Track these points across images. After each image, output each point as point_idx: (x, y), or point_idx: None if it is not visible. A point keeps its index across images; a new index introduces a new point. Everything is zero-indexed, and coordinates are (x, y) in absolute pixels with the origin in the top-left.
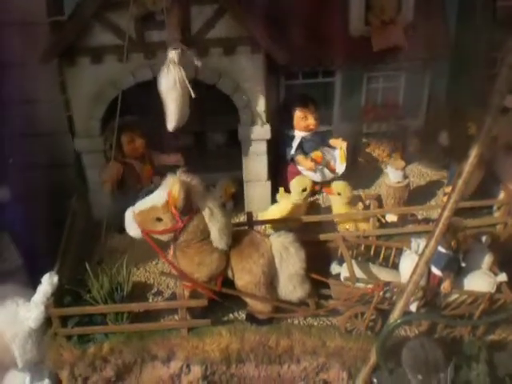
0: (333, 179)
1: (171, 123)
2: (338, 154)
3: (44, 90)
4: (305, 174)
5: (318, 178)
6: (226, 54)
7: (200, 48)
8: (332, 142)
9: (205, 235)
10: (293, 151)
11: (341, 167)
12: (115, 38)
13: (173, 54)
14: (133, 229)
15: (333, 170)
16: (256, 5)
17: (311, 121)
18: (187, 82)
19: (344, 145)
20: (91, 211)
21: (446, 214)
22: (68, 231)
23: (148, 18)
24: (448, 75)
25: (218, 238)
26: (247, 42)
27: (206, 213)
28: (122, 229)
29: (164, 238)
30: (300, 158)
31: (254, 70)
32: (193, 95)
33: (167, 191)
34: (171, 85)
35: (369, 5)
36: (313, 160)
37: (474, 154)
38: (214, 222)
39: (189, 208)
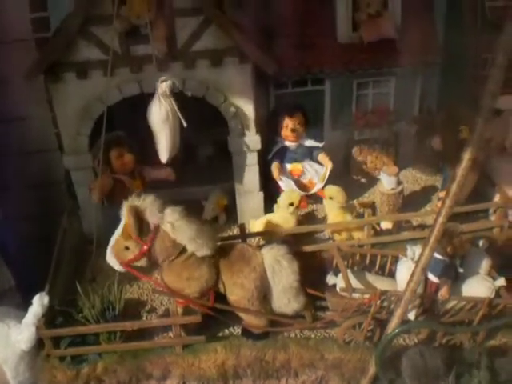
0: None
1: (164, 155)
2: (321, 173)
3: (32, 107)
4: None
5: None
6: (213, 66)
7: (187, 60)
8: (320, 157)
9: (179, 248)
10: (270, 155)
11: (318, 186)
12: (100, 53)
13: (164, 87)
14: (113, 263)
15: (308, 187)
16: (243, 14)
17: (291, 132)
18: (179, 112)
19: (329, 165)
20: (82, 228)
21: (441, 219)
22: (58, 249)
23: (133, 32)
24: (439, 78)
25: (194, 248)
26: (235, 53)
27: (167, 228)
28: None
29: (141, 263)
30: (273, 164)
31: (242, 81)
32: (184, 125)
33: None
34: (163, 117)
35: (355, 5)
36: (283, 171)
37: (467, 157)
38: (179, 234)
39: (147, 229)
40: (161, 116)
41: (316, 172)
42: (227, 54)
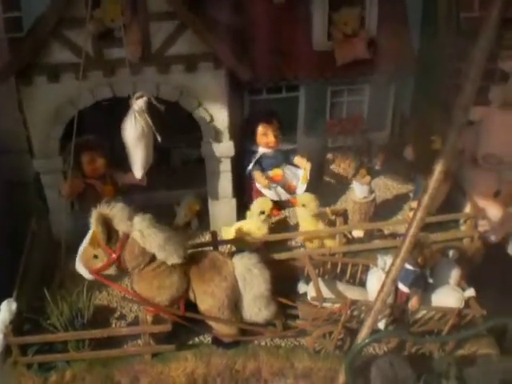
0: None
1: (139, 171)
2: (300, 175)
3: (2, 107)
4: (261, 190)
5: (273, 196)
6: (187, 71)
7: (161, 65)
8: (296, 160)
9: (148, 256)
10: (250, 166)
11: (301, 188)
12: (73, 56)
13: (139, 103)
14: (83, 271)
15: (293, 190)
16: (218, 20)
17: (271, 138)
18: (154, 128)
19: (308, 166)
20: (51, 232)
21: (412, 231)
22: (27, 254)
23: (107, 34)
24: (412, 87)
25: (164, 256)
26: (209, 58)
27: (136, 236)
28: None
29: (111, 271)
30: (256, 174)
31: (216, 87)
32: (159, 139)
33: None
34: (138, 134)
35: (331, 19)
36: (268, 177)
37: (438, 169)
38: (148, 242)
39: (116, 237)
40: (136, 133)
41: (294, 175)
42: (202, 60)
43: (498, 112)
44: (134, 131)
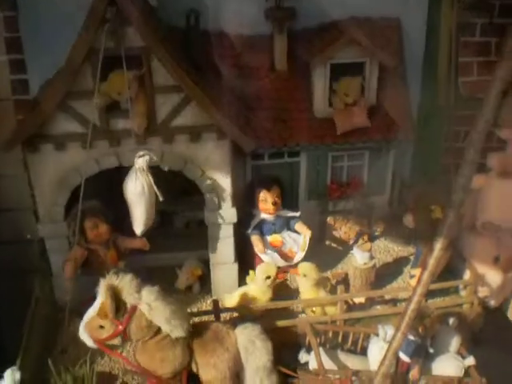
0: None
1: (139, 228)
2: (300, 242)
3: (7, 164)
4: (259, 255)
5: (269, 261)
6: (191, 141)
7: (166, 135)
8: (297, 227)
9: (154, 329)
10: (249, 230)
11: (299, 255)
12: (79, 126)
13: (141, 162)
14: (86, 340)
15: (290, 257)
16: (221, 89)
17: (269, 205)
18: (155, 187)
19: (308, 233)
20: (53, 295)
21: (412, 306)
22: (31, 319)
23: (113, 106)
24: (412, 152)
25: (170, 329)
26: (213, 129)
27: (144, 309)
28: None
29: (115, 342)
30: (254, 238)
31: (219, 156)
32: (160, 199)
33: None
34: (139, 191)
35: (332, 88)
36: (267, 243)
37: (439, 247)
38: (156, 315)
39: (124, 309)
40: (137, 190)
41: (294, 241)
42: (206, 131)
43: (497, 180)
44: (134, 188)
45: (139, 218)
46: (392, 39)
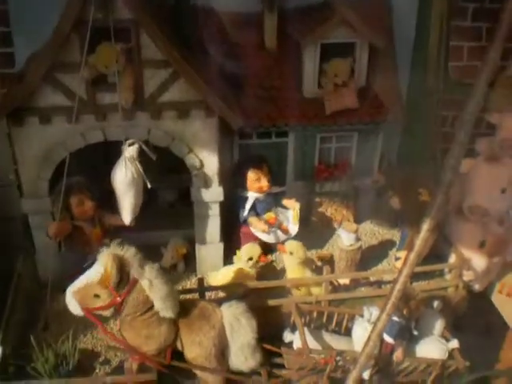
0: (286, 240)
1: (127, 217)
2: (291, 215)
3: None
4: (258, 235)
5: (271, 239)
6: (179, 118)
7: (153, 111)
8: (285, 202)
9: (148, 306)
10: (246, 213)
11: (294, 228)
12: (65, 99)
13: (131, 150)
14: (73, 307)
15: (286, 231)
16: (210, 67)
17: (264, 183)
18: (144, 175)
19: (297, 206)
20: (37, 272)
21: (398, 287)
22: (13, 295)
23: (100, 79)
24: (400, 135)
25: (162, 308)
26: (201, 107)
27: (145, 284)
28: None
29: (106, 313)
30: (253, 219)
31: (207, 134)
32: (149, 186)
33: (102, 267)
34: (129, 181)
35: (322, 69)
36: (266, 222)
37: (425, 228)
38: (154, 292)
39: (125, 281)
40: (126, 179)
41: (285, 216)
42: (194, 107)
43: (485, 164)
44: (124, 178)
45: (127, 207)
46: (383, 21)
